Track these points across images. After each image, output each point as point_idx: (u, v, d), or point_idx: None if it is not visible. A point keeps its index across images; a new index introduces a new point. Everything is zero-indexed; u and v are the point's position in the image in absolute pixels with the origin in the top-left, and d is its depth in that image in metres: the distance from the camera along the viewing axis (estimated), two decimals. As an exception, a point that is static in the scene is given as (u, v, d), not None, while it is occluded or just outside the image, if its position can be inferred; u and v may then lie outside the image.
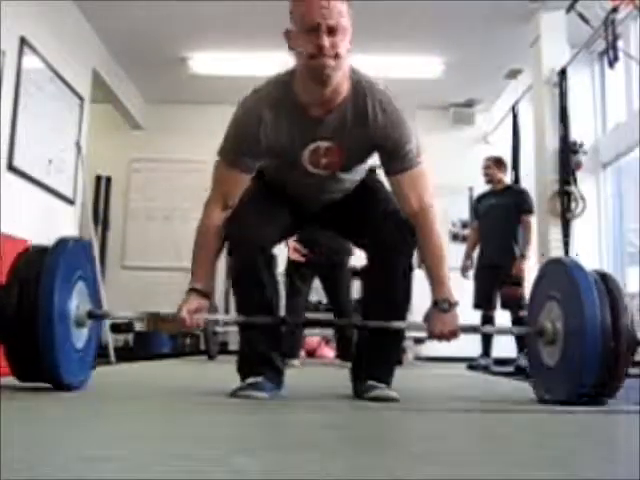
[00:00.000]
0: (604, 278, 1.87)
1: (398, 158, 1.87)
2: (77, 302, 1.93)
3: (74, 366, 1.93)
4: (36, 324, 1.77)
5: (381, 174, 2.04)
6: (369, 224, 2.00)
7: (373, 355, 2.02)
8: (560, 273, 1.95)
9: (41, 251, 1.90)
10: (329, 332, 5.22)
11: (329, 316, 4.68)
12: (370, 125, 1.84)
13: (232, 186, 1.94)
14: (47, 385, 1.90)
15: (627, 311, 1.80)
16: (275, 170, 2.05)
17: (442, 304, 1.85)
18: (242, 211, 1.96)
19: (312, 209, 2.11)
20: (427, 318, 1.89)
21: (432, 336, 1.87)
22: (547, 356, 1.94)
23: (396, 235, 1.94)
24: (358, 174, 2.06)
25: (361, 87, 1.86)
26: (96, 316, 2.03)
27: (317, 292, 4.84)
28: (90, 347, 2.06)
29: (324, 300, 4.97)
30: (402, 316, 2.02)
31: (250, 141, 1.87)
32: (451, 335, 1.85)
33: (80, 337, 1.97)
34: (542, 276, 2.07)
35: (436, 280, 1.88)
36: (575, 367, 1.80)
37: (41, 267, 1.82)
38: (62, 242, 1.94)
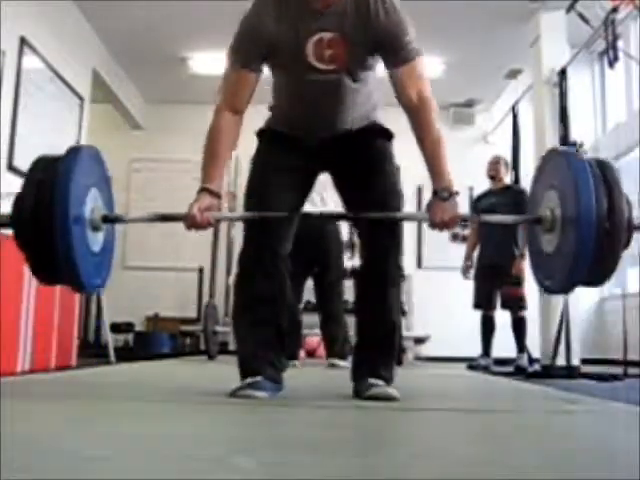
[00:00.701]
0: (601, 165, 1.88)
1: (398, 50, 1.91)
2: (91, 206, 1.95)
3: (91, 268, 1.95)
4: (53, 226, 1.78)
5: (395, 144, 2.11)
6: (365, 215, 2.02)
7: (372, 353, 2.03)
8: (558, 161, 1.96)
9: (53, 159, 1.92)
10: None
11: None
12: (372, 19, 1.87)
13: (240, 87, 1.96)
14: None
15: (623, 196, 1.81)
16: (281, 79, 2.05)
17: (442, 193, 1.88)
18: (249, 203, 2.02)
19: (321, 138, 2.06)
20: (429, 208, 1.92)
21: (434, 225, 1.90)
22: (546, 243, 1.95)
23: (388, 242, 2.00)
24: (365, 89, 2.05)
25: None
26: (110, 219, 2.06)
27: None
28: (106, 252, 2.08)
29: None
30: (396, 317, 2.04)
31: (254, 37, 1.91)
32: (452, 222, 1.88)
33: (96, 241, 2.00)
34: (542, 167, 2.07)
35: (436, 171, 1.90)
36: (571, 250, 1.81)
37: (55, 172, 1.83)
38: (74, 149, 1.96)
